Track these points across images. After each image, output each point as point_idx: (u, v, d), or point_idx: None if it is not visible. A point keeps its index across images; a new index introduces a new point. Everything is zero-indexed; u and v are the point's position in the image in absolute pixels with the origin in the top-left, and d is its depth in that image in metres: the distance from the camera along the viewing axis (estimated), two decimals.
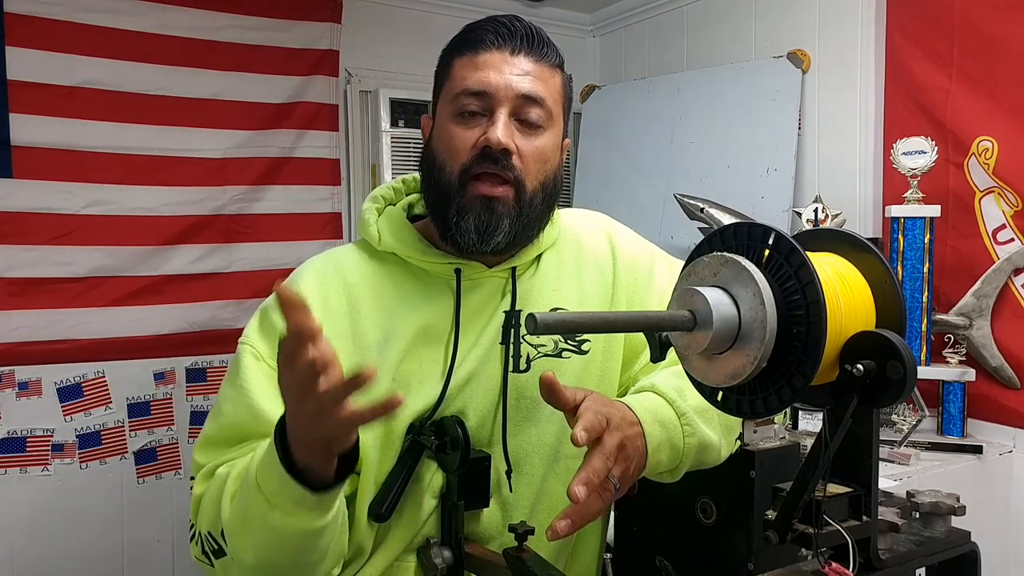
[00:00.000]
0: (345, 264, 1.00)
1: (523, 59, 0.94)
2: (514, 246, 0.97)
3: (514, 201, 0.93)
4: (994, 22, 1.96)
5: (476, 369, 0.96)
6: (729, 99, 2.57)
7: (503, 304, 1.00)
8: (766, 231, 0.62)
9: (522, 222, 0.94)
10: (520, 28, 0.95)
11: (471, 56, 0.94)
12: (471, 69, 0.93)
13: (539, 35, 0.97)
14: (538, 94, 0.93)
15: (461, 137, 0.93)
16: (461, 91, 0.93)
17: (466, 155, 0.93)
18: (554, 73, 0.97)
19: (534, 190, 0.94)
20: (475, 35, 0.96)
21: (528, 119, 0.93)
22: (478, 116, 0.93)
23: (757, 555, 0.92)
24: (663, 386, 0.92)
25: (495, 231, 0.92)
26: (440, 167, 0.95)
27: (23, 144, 2.21)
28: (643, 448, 0.85)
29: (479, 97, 0.93)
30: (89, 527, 2.35)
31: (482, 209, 0.92)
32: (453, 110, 0.94)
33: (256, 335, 0.96)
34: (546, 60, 0.96)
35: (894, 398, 0.60)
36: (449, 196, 0.94)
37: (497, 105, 0.92)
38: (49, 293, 2.26)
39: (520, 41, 0.94)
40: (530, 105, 0.93)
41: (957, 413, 1.96)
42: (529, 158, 0.93)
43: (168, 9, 2.39)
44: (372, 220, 1.02)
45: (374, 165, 2.76)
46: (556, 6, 3.10)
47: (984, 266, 1.98)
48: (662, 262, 1.11)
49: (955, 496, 0.80)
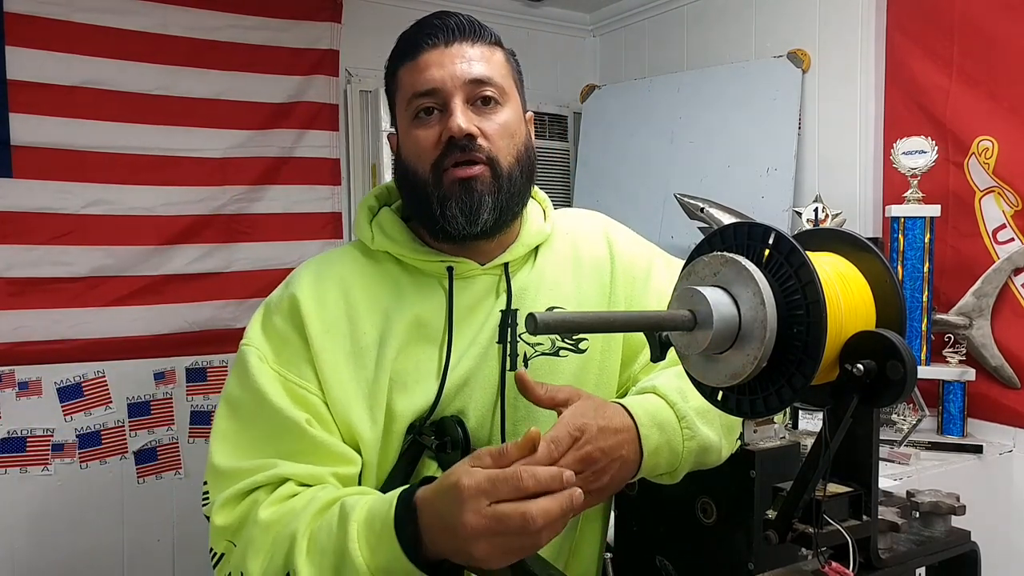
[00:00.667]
0: (341, 265, 1.00)
1: (460, 46, 0.96)
2: (501, 224, 0.97)
3: (491, 178, 0.94)
4: (994, 22, 1.96)
5: (474, 369, 0.96)
6: (729, 99, 2.57)
7: (498, 302, 1.00)
8: (766, 231, 0.62)
9: (504, 197, 0.95)
10: (450, 20, 0.97)
11: (412, 62, 0.96)
12: (415, 73, 0.95)
13: (469, 20, 0.98)
14: (483, 74, 0.95)
15: (424, 137, 0.95)
16: (411, 95, 0.95)
17: (433, 152, 0.94)
18: (494, 50, 0.98)
19: (510, 165, 0.96)
20: (410, 41, 0.97)
21: (482, 98, 0.95)
22: (435, 113, 0.95)
23: (757, 555, 0.92)
24: (665, 388, 0.92)
25: (479, 209, 0.93)
26: (413, 171, 0.96)
27: (23, 144, 2.21)
28: (631, 455, 0.85)
29: (430, 96, 0.94)
30: (89, 527, 2.35)
31: (462, 192, 0.93)
32: (409, 116, 0.96)
33: (259, 338, 0.96)
34: (482, 40, 0.97)
35: (894, 398, 0.60)
36: (427, 192, 0.95)
37: (449, 97, 0.94)
38: (49, 293, 2.26)
39: (452, 33, 0.96)
40: (480, 86, 0.95)
41: (957, 413, 1.96)
42: (495, 135, 0.95)
43: (168, 9, 2.39)
44: (365, 220, 1.02)
45: (374, 165, 2.76)
46: (556, 6, 3.10)
47: (984, 266, 1.98)
48: (660, 262, 1.11)
49: (955, 496, 0.80)
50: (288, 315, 0.95)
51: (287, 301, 0.95)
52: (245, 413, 0.93)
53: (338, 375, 0.92)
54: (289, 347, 0.93)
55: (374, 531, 0.77)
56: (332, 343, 0.93)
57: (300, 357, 0.93)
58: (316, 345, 0.92)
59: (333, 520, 0.80)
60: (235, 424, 0.93)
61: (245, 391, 0.93)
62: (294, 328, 0.94)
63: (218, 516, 0.88)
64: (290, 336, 0.94)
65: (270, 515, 0.85)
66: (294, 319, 0.94)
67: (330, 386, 0.92)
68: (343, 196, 2.73)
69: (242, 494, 0.88)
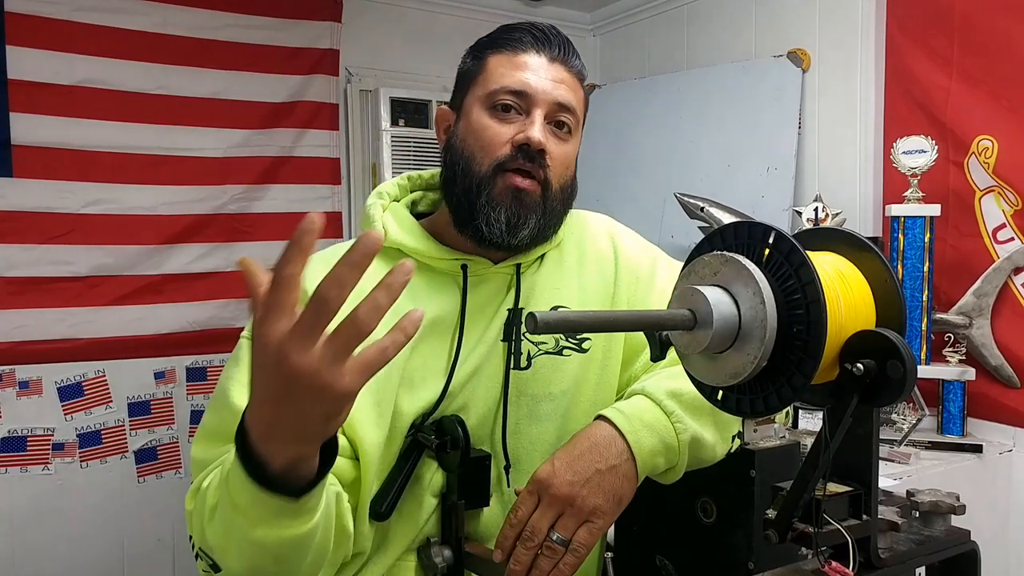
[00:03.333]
0: None
1: (559, 67, 0.98)
2: (535, 243, 0.99)
3: (541, 198, 0.95)
4: (994, 21, 1.96)
5: (479, 366, 0.97)
6: (729, 98, 2.57)
7: (507, 301, 1.00)
8: (766, 230, 0.62)
9: (545, 219, 0.97)
10: (558, 38, 0.99)
11: (510, 55, 0.97)
12: (510, 67, 0.96)
13: (572, 47, 1.01)
14: (570, 102, 0.97)
15: (496, 131, 0.95)
16: (500, 87, 0.95)
17: (501, 149, 0.94)
18: (579, 85, 1.01)
19: (556, 191, 0.97)
20: (515, 35, 0.98)
21: (559, 125, 0.97)
22: (513, 113, 0.95)
23: (757, 554, 0.92)
24: (651, 388, 0.93)
25: (523, 225, 0.95)
26: (470, 157, 0.96)
27: (23, 143, 2.21)
28: (614, 460, 0.87)
29: (518, 96, 0.95)
30: (89, 526, 2.36)
31: (512, 201, 0.94)
32: (488, 103, 0.96)
33: None
34: (576, 72, 1.00)
35: (894, 397, 0.60)
36: (480, 186, 0.95)
37: (534, 106, 0.95)
38: (49, 292, 2.26)
39: (558, 50, 0.98)
40: (563, 112, 0.97)
41: (957, 412, 1.96)
42: (557, 161, 0.96)
43: (168, 8, 2.39)
44: (377, 215, 1.01)
45: (374, 164, 2.76)
46: (556, 5, 3.10)
47: (984, 265, 1.98)
48: (664, 264, 1.11)
49: (955, 495, 0.80)
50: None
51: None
52: (235, 403, 0.90)
53: None
54: None
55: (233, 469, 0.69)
56: None
57: None
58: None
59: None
60: (216, 416, 0.91)
61: (234, 382, 0.91)
62: None
63: (188, 502, 0.87)
64: None
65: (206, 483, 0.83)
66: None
67: None
68: (343, 195, 2.73)
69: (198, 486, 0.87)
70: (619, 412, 0.90)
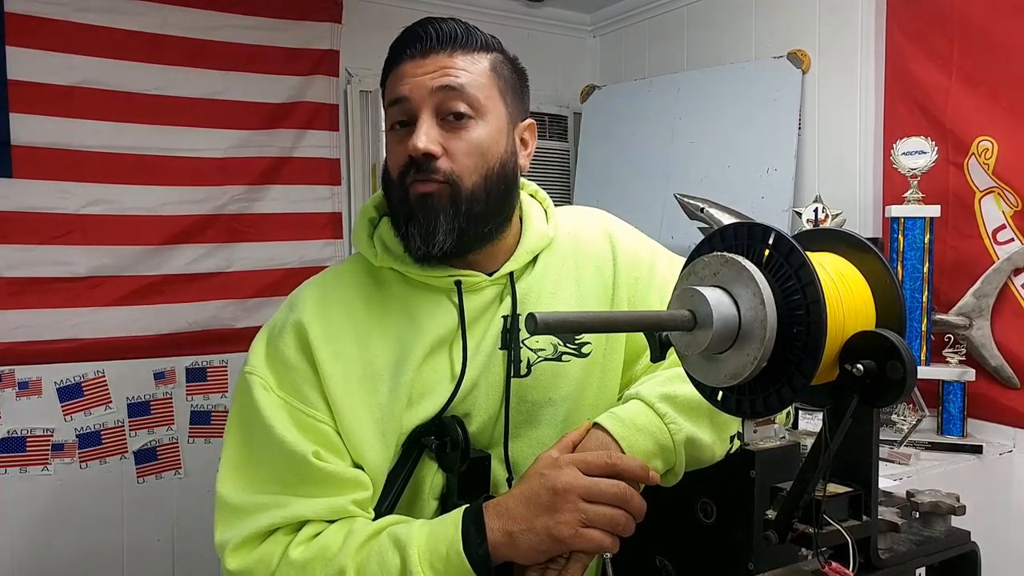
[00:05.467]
0: (345, 288, 0.98)
1: (436, 57, 0.93)
2: (465, 247, 0.94)
3: (449, 198, 0.91)
4: (994, 22, 1.96)
5: (479, 376, 0.96)
6: (729, 99, 2.57)
7: (502, 308, 0.99)
8: (766, 231, 0.62)
9: (462, 220, 0.91)
10: (430, 28, 0.94)
11: (394, 71, 0.96)
12: (393, 83, 0.95)
13: (452, 28, 0.94)
14: (452, 83, 0.91)
15: (395, 148, 0.95)
16: (387, 105, 0.96)
17: (401, 164, 0.93)
18: (477, 58, 0.94)
19: (475, 185, 0.92)
20: (393, 50, 0.97)
21: (454, 113, 0.92)
22: (408, 126, 0.93)
23: (757, 555, 0.92)
24: (645, 391, 0.92)
25: (435, 231, 0.91)
26: (388, 179, 0.97)
27: (23, 144, 2.21)
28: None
29: (400, 106, 0.93)
30: (89, 527, 2.35)
31: (420, 210, 0.91)
32: (389, 125, 0.96)
33: (263, 366, 0.93)
34: (464, 48, 0.94)
35: (894, 398, 0.60)
36: (398, 205, 0.95)
37: (417, 110, 0.92)
38: (49, 293, 2.26)
39: (430, 41, 0.93)
40: (451, 99, 0.91)
41: (957, 413, 1.96)
42: (460, 154, 0.92)
43: (168, 9, 2.39)
44: (366, 234, 1.01)
45: (374, 165, 2.76)
46: (556, 6, 3.09)
47: (984, 266, 1.98)
48: (663, 260, 1.09)
49: (955, 496, 0.80)
50: (295, 341, 0.92)
51: (292, 327, 0.93)
52: (253, 442, 0.91)
53: (350, 400, 0.91)
54: (296, 374, 0.91)
55: (439, 554, 0.79)
56: (343, 368, 0.91)
57: (308, 383, 0.91)
58: (326, 370, 0.90)
59: (384, 550, 0.81)
60: (244, 453, 0.91)
61: (253, 420, 0.91)
62: (301, 354, 0.92)
63: (232, 559, 0.86)
64: (297, 362, 0.91)
65: (302, 554, 0.84)
66: (301, 345, 0.92)
67: (342, 413, 0.90)
68: (343, 196, 2.73)
69: (259, 536, 0.86)
70: (613, 417, 0.90)
